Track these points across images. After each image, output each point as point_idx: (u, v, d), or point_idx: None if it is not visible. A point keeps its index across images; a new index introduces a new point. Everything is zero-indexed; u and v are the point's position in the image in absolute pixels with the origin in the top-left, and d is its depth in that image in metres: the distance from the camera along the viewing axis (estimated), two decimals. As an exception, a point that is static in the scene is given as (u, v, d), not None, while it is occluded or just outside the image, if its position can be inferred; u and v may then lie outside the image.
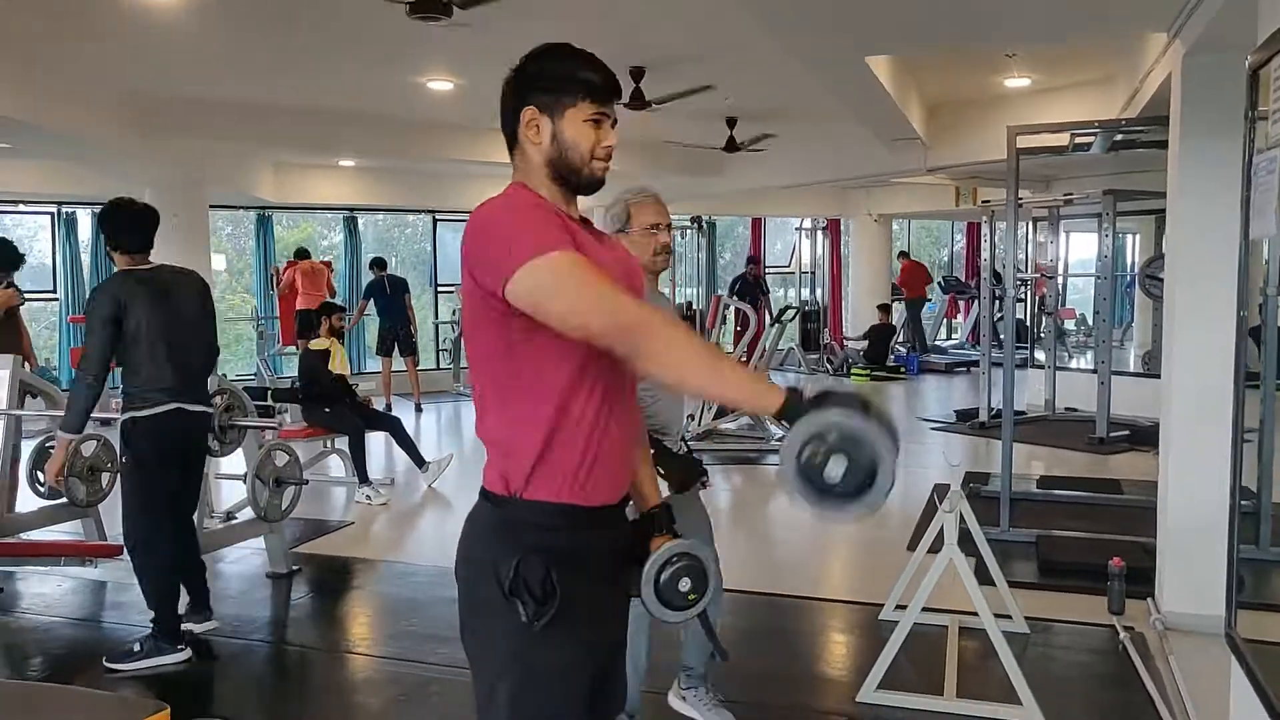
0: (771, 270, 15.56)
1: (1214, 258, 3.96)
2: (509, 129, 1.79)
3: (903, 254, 16.55)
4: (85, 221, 11.48)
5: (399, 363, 11.24)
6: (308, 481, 5.40)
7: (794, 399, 1.50)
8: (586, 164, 1.75)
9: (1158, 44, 5.14)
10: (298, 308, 10.63)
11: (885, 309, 14.65)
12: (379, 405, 9.13)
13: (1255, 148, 2.69)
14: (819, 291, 16.35)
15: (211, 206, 10.54)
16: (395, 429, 7.29)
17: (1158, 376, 7.92)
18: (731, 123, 9.35)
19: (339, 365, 7.14)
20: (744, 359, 9.09)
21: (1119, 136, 6.37)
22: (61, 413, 5.12)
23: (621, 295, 1.58)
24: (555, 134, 1.73)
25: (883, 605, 4.36)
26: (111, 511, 5.58)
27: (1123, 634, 4.06)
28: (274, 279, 11.95)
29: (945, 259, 21.30)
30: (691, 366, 1.56)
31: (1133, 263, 13.82)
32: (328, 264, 12.28)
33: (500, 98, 1.79)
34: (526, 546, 1.67)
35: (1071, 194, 9.51)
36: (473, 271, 1.66)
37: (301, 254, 12.02)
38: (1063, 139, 6.43)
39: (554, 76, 1.74)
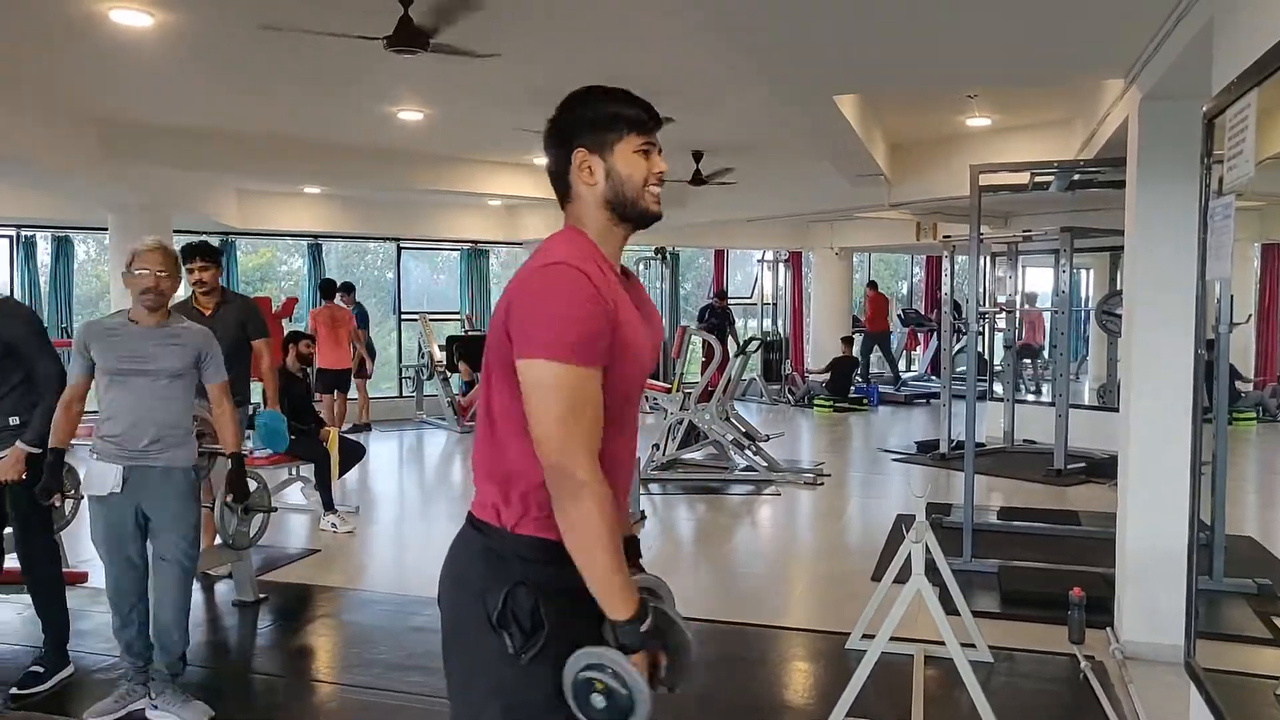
0: (733, 301, 15.71)
1: (1171, 296, 4.09)
2: (560, 179, 1.81)
3: (872, 284, 16.74)
4: (44, 245, 11.34)
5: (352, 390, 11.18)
6: (276, 509, 5.37)
7: (631, 623, 1.65)
8: (641, 194, 1.78)
9: (1115, 89, 5.31)
10: (319, 366, 9.84)
11: (848, 341, 14.83)
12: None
13: (1211, 192, 2.80)
14: (780, 323, 16.51)
15: (174, 231, 10.45)
16: (347, 459, 7.17)
17: (1113, 410, 8.12)
18: (698, 156, 9.47)
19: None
20: (708, 388, 9.15)
21: (1077, 176, 6.55)
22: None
23: (582, 450, 1.63)
24: (609, 170, 1.77)
25: (848, 635, 4.41)
26: (74, 537, 5.52)
27: (1083, 663, 4.14)
28: None
29: (904, 292, 21.58)
30: (584, 545, 1.64)
31: (1088, 297, 14.12)
32: (346, 305, 10.89)
33: (545, 149, 1.83)
34: (516, 578, 1.70)
35: (1030, 230, 9.72)
36: (506, 320, 1.69)
37: (327, 290, 10.60)
38: (1022, 178, 6.61)
39: (596, 117, 1.78)
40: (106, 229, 9.58)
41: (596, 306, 1.65)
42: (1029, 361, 13.36)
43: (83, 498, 5.20)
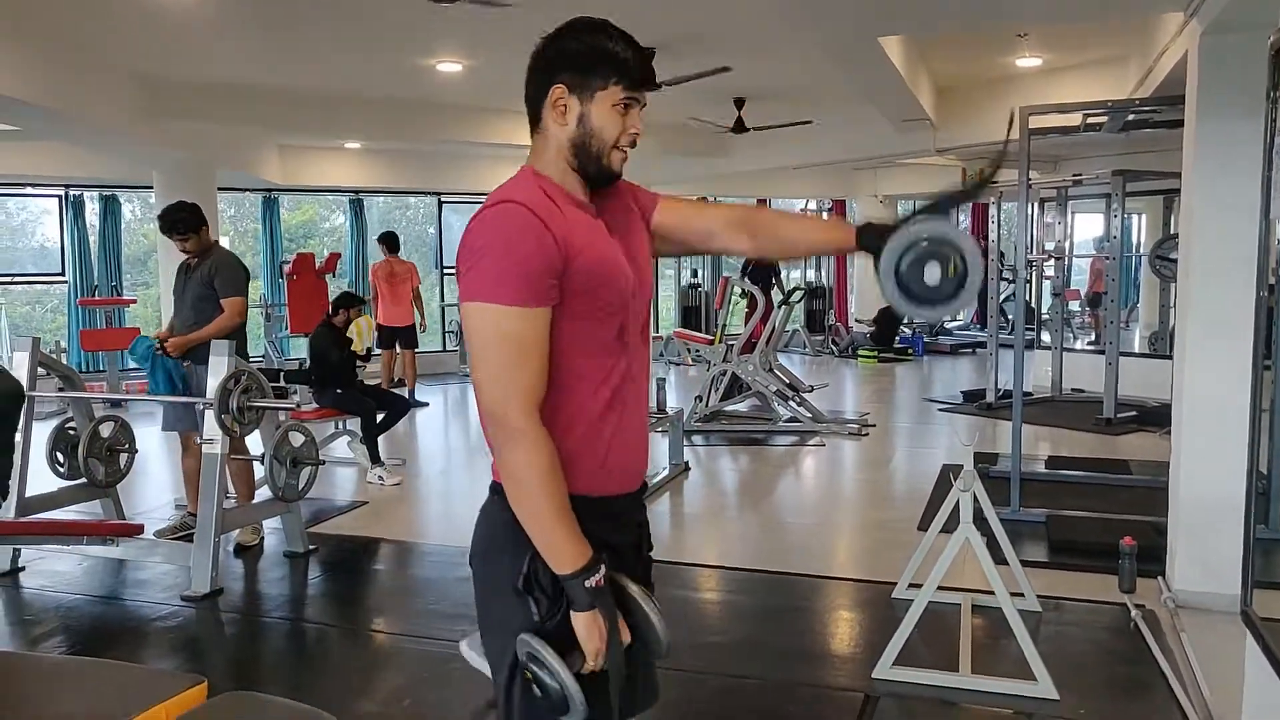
0: (776, 251, 15.58)
1: (1230, 238, 3.97)
2: (533, 105, 1.70)
3: None
4: (92, 205, 11.48)
5: None
6: (324, 461, 5.43)
7: (575, 577, 1.58)
8: (608, 153, 1.68)
9: (1172, 23, 5.14)
10: (379, 322, 9.67)
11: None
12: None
13: (1276, 128, 2.70)
14: (824, 273, 16.35)
15: (218, 189, 10.52)
16: (393, 413, 7.16)
17: (1164, 357, 7.96)
18: (740, 103, 9.34)
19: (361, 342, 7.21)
20: (751, 339, 9.10)
21: (1131, 116, 6.35)
22: (79, 395, 5.18)
23: (519, 396, 1.56)
24: (582, 116, 1.66)
25: (895, 584, 4.38)
26: (129, 491, 5.64)
27: (1134, 612, 4.09)
28: (282, 269, 11.93)
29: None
30: (522, 493, 1.59)
31: (1139, 243, 13.81)
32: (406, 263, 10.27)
33: (527, 69, 1.71)
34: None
35: (1080, 175, 9.50)
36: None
37: (390, 243, 10.04)
38: (1074, 119, 6.42)
39: (588, 54, 1.66)
40: (151, 187, 9.66)
41: (540, 244, 1.56)
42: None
43: (137, 452, 5.31)
